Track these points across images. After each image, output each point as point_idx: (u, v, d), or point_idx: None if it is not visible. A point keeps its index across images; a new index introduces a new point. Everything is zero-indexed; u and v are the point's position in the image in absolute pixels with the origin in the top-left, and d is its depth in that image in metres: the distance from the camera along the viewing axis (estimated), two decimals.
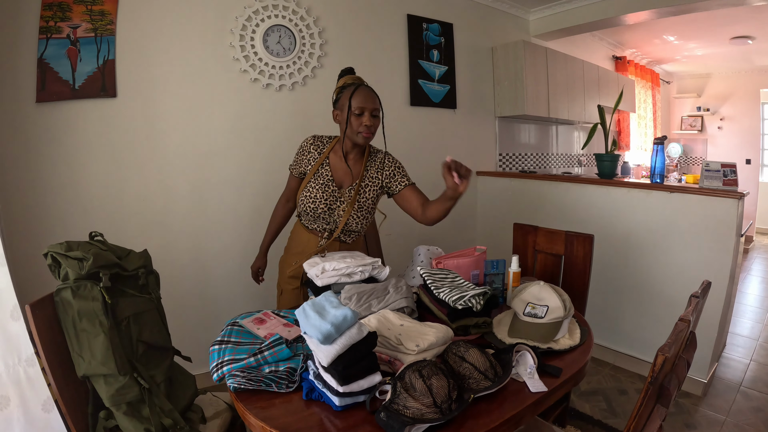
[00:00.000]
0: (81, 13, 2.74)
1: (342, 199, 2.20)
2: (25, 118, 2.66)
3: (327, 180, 2.20)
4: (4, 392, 1.70)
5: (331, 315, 1.36)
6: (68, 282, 1.63)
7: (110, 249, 1.78)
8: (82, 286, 1.61)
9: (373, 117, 2.13)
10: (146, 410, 1.68)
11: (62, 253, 1.65)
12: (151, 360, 1.77)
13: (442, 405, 1.25)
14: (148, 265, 1.88)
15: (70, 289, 1.60)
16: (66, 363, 1.60)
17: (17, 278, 2.46)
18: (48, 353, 1.53)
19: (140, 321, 1.74)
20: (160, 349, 1.82)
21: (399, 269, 2.46)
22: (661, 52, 7.29)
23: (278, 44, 3.31)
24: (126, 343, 1.68)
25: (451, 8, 4.35)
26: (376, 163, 2.27)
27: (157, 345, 1.80)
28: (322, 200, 2.18)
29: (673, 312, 3.03)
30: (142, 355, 1.73)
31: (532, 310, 1.80)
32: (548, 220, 3.73)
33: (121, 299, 1.69)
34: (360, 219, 2.24)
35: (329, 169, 2.22)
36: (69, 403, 1.58)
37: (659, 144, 3.29)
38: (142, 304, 1.77)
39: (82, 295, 1.61)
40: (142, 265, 1.83)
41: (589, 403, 2.95)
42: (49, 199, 2.75)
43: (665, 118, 8.82)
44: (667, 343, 1.18)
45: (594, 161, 4.39)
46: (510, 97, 4.69)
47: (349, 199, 2.20)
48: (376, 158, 2.29)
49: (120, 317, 1.67)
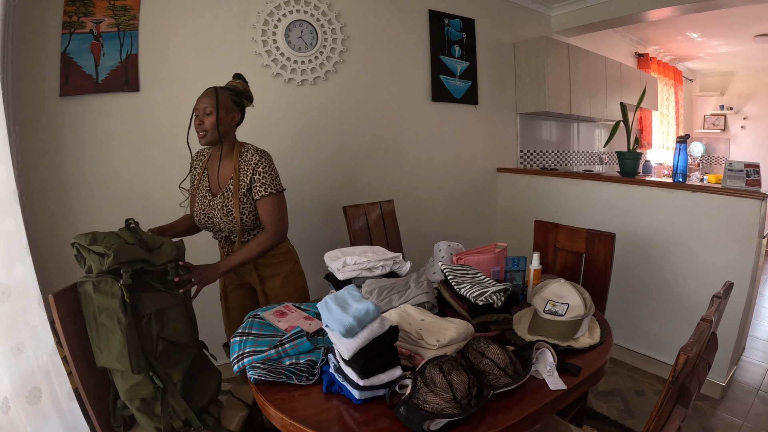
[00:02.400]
0: (104, 8, 2.77)
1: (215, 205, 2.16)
2: (49, 111, 2.70)
3: (205, 191, 2.20)
4: (36, 384, 1.72)
5: (354, 308, 1.37)
6: (91, 275, 1.64)
7: (142, 240, 1.76)
8: (103, 281, 1.61)
9: (207, 115, 2.08)
10: (159, 408, 1.68)
11: (85, 246, 1.65)
12: (171, 357, 1.75)
13: (462, 400, 1.26)
14: (180, 257, 1.84)
15: (92, 283, 1.60)
16: (88, 352, 1.62)
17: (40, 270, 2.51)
18: (70, 342, 1.56)
19: (163, 318, 1.72)
20: (181, 347, 1.80)
21: (419, 264, 2.46)
22: (684, 50, 7.19)
23: (300, 39, 3.33)
24: (145, 340, 1.67)
25: (472, 4, 4.34)
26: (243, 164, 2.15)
27: (179, 342, 1.78)
28: (201, 211, 2.19)
29: (692, 313, 3.01)
30: (162, 352, 1.71)
31: (552, 307, 1.80)
32: (569, 217, 3.70)
33: (144, 295, 1.67)
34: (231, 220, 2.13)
35: (207, 179, 2.22)
36: (90, 392, 1.61)
37: (682, 143, 3.26)
38: (166, 299, 1.75)
39: (102, 290, 1.60)
40: (173, 258, 1.80)
41: (606, 404, 2.93)
42: (72, 191, 2.79)
43: (688, 117, 8.70)
44: (690, 342, 1.17)
45: (615, 159, 4.35)
46: (531, 94, 4.67)
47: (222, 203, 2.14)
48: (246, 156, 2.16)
49: (141, 313, 1.66)
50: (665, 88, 7.48)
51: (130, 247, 1.67)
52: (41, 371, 1.75)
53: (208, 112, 2.06)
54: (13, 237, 1.70)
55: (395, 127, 3.92)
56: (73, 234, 2.62)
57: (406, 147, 4.01)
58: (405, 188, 4.00)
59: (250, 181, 2.10)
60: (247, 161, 2.12)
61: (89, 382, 1.60)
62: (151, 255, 1.73)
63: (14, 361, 1.62)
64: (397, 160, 3.97)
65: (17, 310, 1.67)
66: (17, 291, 1.67)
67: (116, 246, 1.63)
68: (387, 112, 3.86)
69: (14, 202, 1.72)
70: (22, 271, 1.71)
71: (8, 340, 1.60)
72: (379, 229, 3.20)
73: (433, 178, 4.21)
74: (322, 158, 3.46)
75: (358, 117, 3.66)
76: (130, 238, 1.73)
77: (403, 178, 4.00)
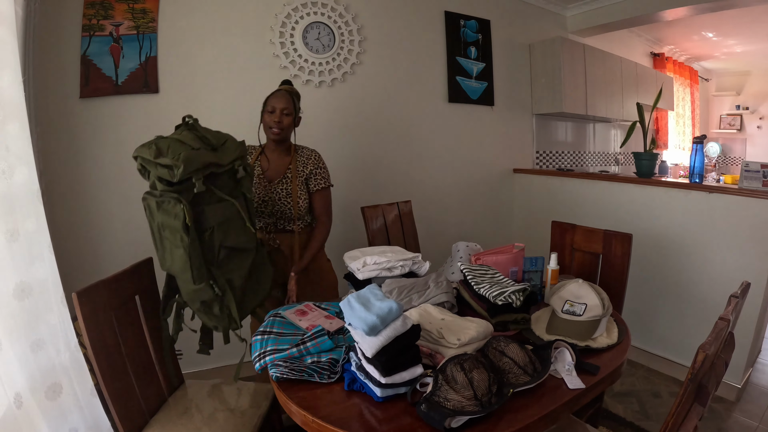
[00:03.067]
0: (123, 11, 2.82)
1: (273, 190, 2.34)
2: (70, 113, 2.76)
3: (258, 178, 2.37)
4: (57, 379, 1.75)
5: (377, 307, 1.39)
6: (155, 192, 1.69)
7: (204, 138, 1.78)
8: (166, 201, 1.65)
9: (285, 115, 2.31)
10: (217, 309, 1.83)
11: (151, 160, 1.64)
12: (233, 261, 1.85)
13: (483, 398, 1.28)
14: (244, 153, 1.90)
15: (156, 201, 1.68)
16: (111, 351, 1.66)
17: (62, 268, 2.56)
18: (93, 340, 1.60)
19: (225, 228, 1.79)
20: (242, 251, 1.88)
21: (437, 265, 2.48)
22: (699, 49, 7.13)
23: (317, 41, 3.36)
24: (208, 251, 1.76)
25: (488, 5, 4.35)
26: (302, 158, 2.40)
27: (240, 247, 1.86)
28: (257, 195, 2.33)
29: (709, 315, 3.00)
30: (224, 258, 1.81)
31: (570, 307, 1.82)
32: (585, 218, 3.70)
33: (207, 208, 1.73)
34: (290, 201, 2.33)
35: (259, 168, 2.40)
36: (111, 389, 1.64)
37: (698, 143, 3.25)
38: (228, 209, 1.79)
39: (165, 209, 1.66)
40: (238, 156, 1.85)
41: (622, 405, 2.94)
42: (93, 190, 2.84)
43: (704, 117, 8.63)
44: (708, 340, 1.18)
45: (631, 160, 4.34)
46: (547, 95, 4.67)
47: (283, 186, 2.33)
48: (303, 151, 2.43)
49: (205, 226, 1.72)
50: (681, 88, 7.43)
51: (197, 152, 1.68)
52: (62, 368, 1.78)
53: (287, 113, 2.30)
54: (35, 237, 1.72)
55: (412, 128, 3.95)
56: (94, 234, 2.70)
57: (423, 148, 4.03)
58: (422, 189, 4.02)
59: (309, 173, 2.35)
60: (306, 155, 2.40)
61: (110, 379, 1.63)
62: (217, 155, 1.76)
63: (33, 358, 1.64)
64: (415, 161, 3.99)
65: (38, 307, 1.70)
66: (38, 289, 1.70)
67: (184, 155, 1.63)
68: (404, 114, 3.88)
69: (37, 203, 1.75)
70: (42, 270, 1.74)
71: (27, 337, 1.63)
72: (396, 230, 3.22)
73: (450, 178, 4.23)
74: (340, 159, 3.48)
75: (375, 118, 3.69)
76: (194, 140, 1.74)
77: (420, 179, 4.02)
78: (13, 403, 1.56)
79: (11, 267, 1.58)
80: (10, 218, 1.59)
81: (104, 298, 1.69)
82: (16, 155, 1.66)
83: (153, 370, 1.92)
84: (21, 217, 1.64)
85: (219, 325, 1.89)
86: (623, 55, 5.50)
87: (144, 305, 1.91)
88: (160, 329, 1.97)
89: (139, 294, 1.90)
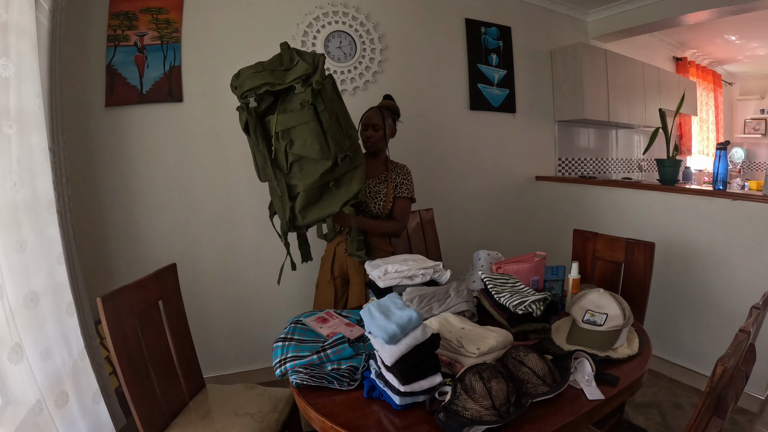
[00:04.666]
0: (147, 21, 2.88)
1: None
2: (95, 121, 2.82)
3: None
4: (63, 388, 1.79)
5: (397, 316, 1.39)
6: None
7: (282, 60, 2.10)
8: (239, 110, 2.09)
9: (375, 131, 2.58)
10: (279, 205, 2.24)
11: (232, 84, 2.08)
12: (303, 169, 2.12)
13: (501, 408, 1.27)
14: (312, 75, 2.04)
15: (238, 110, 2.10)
16: (134, 355, 1.69)
17: (88, 274, 2.61)
18: (116, 344, 1.62)
19: (290, 135, 2.05)
20: (313, 161, 2.09)
21: (458, 273, 2.48)
22: (722, 52, 7.03)
23: (339, 49, 3.39)
24: (279, 155, 2.10)
25: (508, 11, 4.34)
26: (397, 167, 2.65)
27: (308, 156, 2.07)
28: None
29: (733, 324, 2.91)
30: (293, 164, 2.11)
31: (591, 317, 1.80)
32: (607, 226, 3.68)
33: (272, 117, 2.05)
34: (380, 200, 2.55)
35: None
36: (134, 391, 1.66)
37: (722, 149, 3.20)
38: (293, 119, 2.01)
39: (240, 117, 2.09)
40: (300, 75, 2.01)
41: (642, 416, 2.90)
42: (117, 197, 2.89)
43: (728, 121, 8.49)
44: (727, 353, 1.17)
45: (654, 166, 4.30)
46: (569, 101, 4.63)
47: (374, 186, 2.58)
48: (397, 163, 2.69)
49: (270, 133, 2.06)
50: (704, 93, 7.33)
51: (257, 75, 2.02)
52: (67, 374, 1.84)
53: (377, 129, 2.57)
54: (47, 246, 1.79)
55: (434, 135, 3.95)
56: (119, 241, 2.77)
57: (445, 155, 4.03)
58: (444, 197, 4.01)
59: (399, 182, 2.58)
60: (400, 166, 2.65)
61: (132, 382, 1.66)
62: (283, 75, 2.02)
63: (42, 366, 1.70)
64: (436, 169, 3.99)
65: (45, 316, 1.75)
66: (47, 298, 1.76)
67: (241, 79, 2.04)
68: (426, 121, 3.89)
69: (49, 213, 1.81)
70: (51, 279, 1.81)
71: (37, 346, 1.69)
72: (418, 238, 3.22)
73: (472, 186, 4.22)
74: None
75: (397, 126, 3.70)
76: (268, 64, 2.09)
77: (442, 187, 4.02)
78: (34, 408, 1.61)
79: (22, 276, 1.64)
80: (19, 229, 1.65)
81: (128, 302, 1.71)
82: (29, 168, 1.71)
83: (175, 373, 1.94)
84: (29, 227, 1.70)
85: (282, 219, 2.25)
86: (645, 60, 5.45)
87: (167, 310, 1.94)
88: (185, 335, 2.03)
89: (163, 299, 1.93)
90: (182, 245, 3.08)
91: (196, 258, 3.13)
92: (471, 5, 4.09)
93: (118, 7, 2.82)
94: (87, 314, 2.37)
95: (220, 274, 3.21)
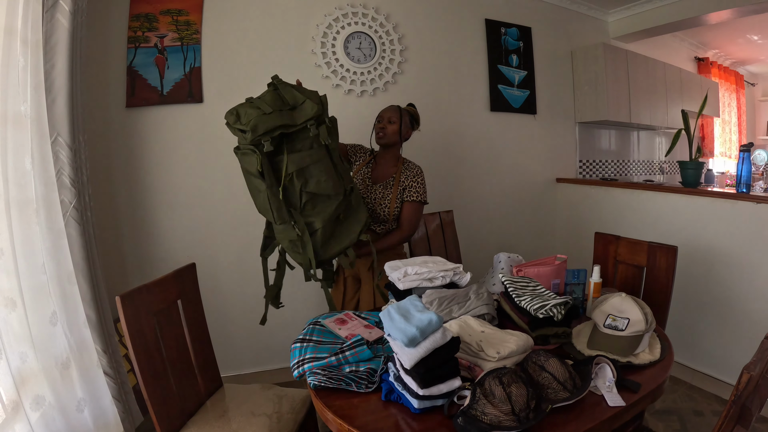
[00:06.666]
0: (167, 23, 2.91)
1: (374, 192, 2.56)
2: (116, 122, 2.85)
3: (365, 176, 2.61)
4: (41, 392, 1.85)
5: (417, 318, 1.38)
6: (240, 146, 1.99)
7: (283, 101, 1.99)
8: (246, 152, 1.95)
9: (390, 123, 2.55)
10: (300, 248, 2.13)
11: (230, 124, 1.98)
12: (316, 206, 2.09)
13: (520, 413, 1.26)
14: (321, 114, 2.03)
15: (240, 153, 2.00)
16: (152, 353, 1.71)
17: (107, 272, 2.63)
18: (135, 342, 1.64)
19: (305, 174, 2.01)
20: (326, 197, 2.08)
21: (478, 276, 2.47)
22: (744, 52, 6.94)
23: (359, 50, 3.39)
24: (291, 195, 2.03)
25: (528, 12, 4.31)
26: (407, 170, 2.59)
27: (323, 193, 2.06)
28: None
29: (757, 331, 2.89)
30: (306, 203, 2.06)
31: (612, 322, 1.78)
32: (629, 229, 3.63)
33: (285, 157, 1.97)
34: (386, 204, 2.52)
35: (369, 169, 2.64)
36: (150, 389, 1.67)
37: (745, 151, 3.15)
38: (307, 158, 1.99)
39: (246, 160, 1.97)
40: (313, 116, 1.98)
41: (662, 423, 2.85)
42: (138, 197, 2.92)
43: (750, 123, 8.36)
44: (753, 361, 1.15)
45: (677, 169, 4.24)
46: (590, 102, 4.59)
47: (381, 189, 2.54)
48: (409, 165, 2.62)
49: (285, 173, 1.97)
50: (726, 94, 7.22)
51: (267, 117, 1.90)
52: (48, 380, 1.92)
53: (392, 121, 2.55)
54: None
55: (455, 137, 3.94)
56: (139, 240, 2.79)
57: (466, 157, 4.02)
58: (464, 198, 4.00)
59: (408, 184, 2.53)
60: (410, 168, 2.58)
61: (150, 380, 1.67)
62: (291, 115, 1.95)
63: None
64: (457, 171, 3.98)
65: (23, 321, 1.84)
66: (27, 302, 1.85)
67: (253, 122, 1.88)
68: (446, 123, 3.88)
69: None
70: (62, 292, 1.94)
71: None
72: (438, 240, 3.21)
73: (493, 188, 4.20)
74: None
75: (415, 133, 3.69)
76: (270, 103, 1.96)
77: (462, 189, 4.01)
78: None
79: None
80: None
81: (147, 301, 1.73)
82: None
83: (192, 372, 1.95)
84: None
85: (302, 262, 2.18)
86: (666, 61, 5.39)
87: (186, 309, 1.95)
88: (203, 335, 2.03)
89: (182, 299, 1.94)
90: (201, 245, 3.10)
91: (215, 258, 3.15)
92: (491, 6, 4.06)
93: (138, 9, 2.86)
94: (106, 312, 2.39)
95: (239, 274, 3.22)
